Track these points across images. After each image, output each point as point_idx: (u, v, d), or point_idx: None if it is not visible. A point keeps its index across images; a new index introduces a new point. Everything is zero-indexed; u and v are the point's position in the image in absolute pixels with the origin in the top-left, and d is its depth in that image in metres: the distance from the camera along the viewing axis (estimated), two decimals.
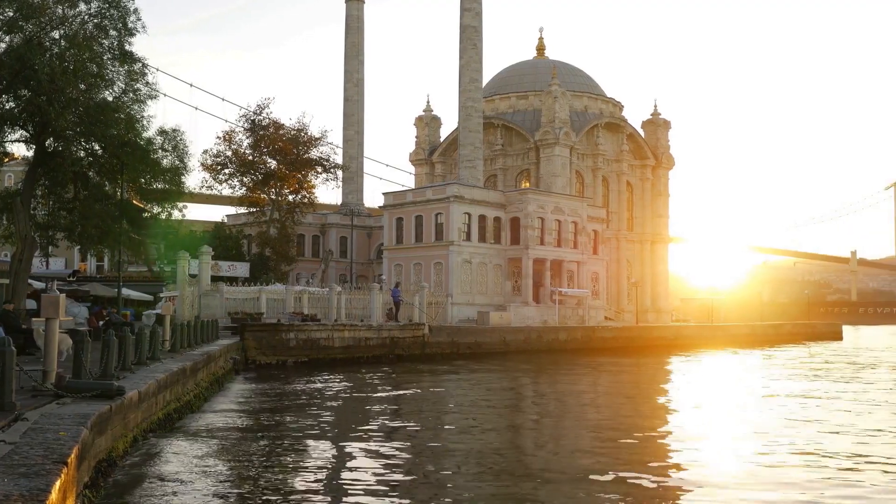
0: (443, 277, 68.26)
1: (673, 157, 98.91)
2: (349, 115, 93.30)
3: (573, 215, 74.88)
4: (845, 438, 22.00)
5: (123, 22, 32.12)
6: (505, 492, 15.72)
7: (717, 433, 23.62)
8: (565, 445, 21.46)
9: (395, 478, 16.70)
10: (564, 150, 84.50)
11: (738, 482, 16.54)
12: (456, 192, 69.53)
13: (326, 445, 20.46)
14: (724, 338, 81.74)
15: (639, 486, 16.12)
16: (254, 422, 23.77)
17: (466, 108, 77.03)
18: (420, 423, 25.33)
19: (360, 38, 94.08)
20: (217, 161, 65.79)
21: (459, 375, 42.16)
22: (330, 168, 69.29)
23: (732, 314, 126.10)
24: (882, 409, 28.68)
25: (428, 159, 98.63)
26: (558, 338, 63.00)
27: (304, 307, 50.03)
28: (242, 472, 16.78)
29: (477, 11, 78.07)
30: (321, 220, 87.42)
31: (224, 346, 35.93)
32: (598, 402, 32.64)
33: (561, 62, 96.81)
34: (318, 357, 45.56)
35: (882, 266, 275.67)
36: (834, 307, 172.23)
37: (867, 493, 15.40)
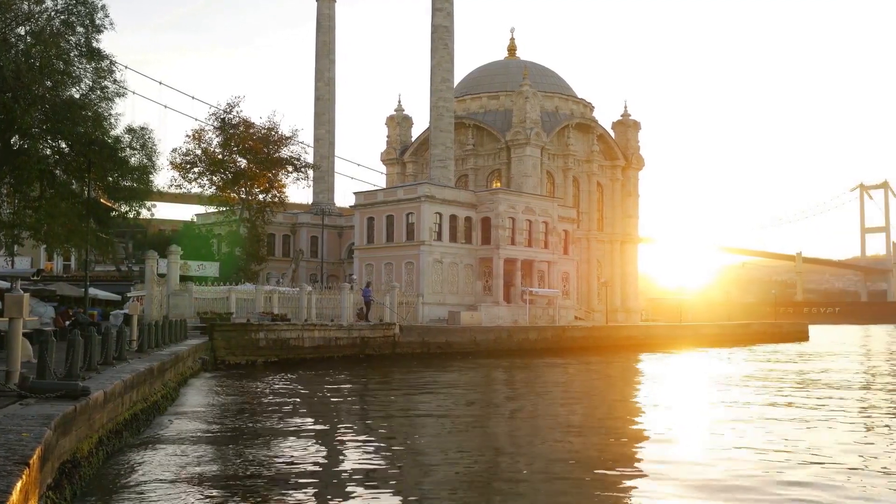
0: (414, 277, 68.23)
1: (643, 158, 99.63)
2: (320, 115, 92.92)
3: (544, 215, 75.16)
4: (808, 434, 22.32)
5: (91, 18, 31.86)
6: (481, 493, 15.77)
7: (684, 432, 23.83)
8: (538, 450, 21.54)
9: (369, 479, 16.69)
10: (535, 151, 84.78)
11: (703, 478, 16.71)
12: (427, 191, 69.53)
13: (295, 445, 20.39)
14: (693, 337, 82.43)
15: (610, 483, 16.23)
16: (221, 422, 23.63)
17: (438, 107, 77.03)
18: (391, 424, 25.32)
19: (331, 38, 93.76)
20: (186, 160, 65.24)
21: (430, 377, 42.17)
22: (301, 167, 68.98)
23: (701, 314, 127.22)
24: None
25: (399, 159, 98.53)
26: (529, 337, 63.21)
27: (274, 307, 49.81)
28: (210, 473, 16.68)
29: (448, 11, 78.11)
30: (292, 220, 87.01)
31: (193, 346, 35.70)
32: (570, 402, 32.80)
33: (532, 63, 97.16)
34: (288, 357, 45.40)
35: (826, 264, 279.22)
36: (781, 307, 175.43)
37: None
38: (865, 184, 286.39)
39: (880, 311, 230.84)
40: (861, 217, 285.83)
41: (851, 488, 15.76)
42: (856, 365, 53.39)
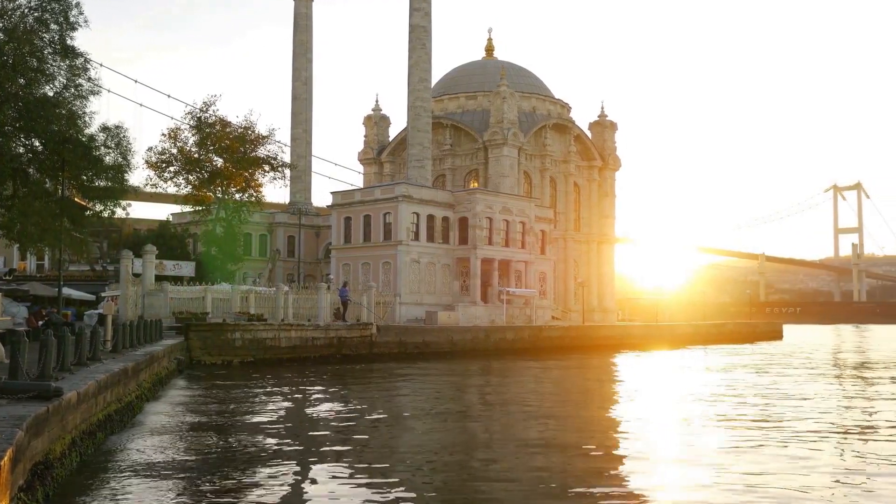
0: (391, 277, 68.16)
1: (619, 159, 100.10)
2: (297, 114, 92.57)
3: (521, 215, 75.33)
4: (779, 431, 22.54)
5: (65, 16, 31.56)
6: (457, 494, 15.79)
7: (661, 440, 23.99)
8: (514, 455, 21.59)
9: (343, 481, 16.67)
10: (513, 151, 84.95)
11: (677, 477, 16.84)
12: (404, 191, 69.48)
13: (269, 446, 20.32)
14: (669, 337, 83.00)
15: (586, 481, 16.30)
16: (196, 423, 23.51)
17: (415, 107, 76.98)
18: (367, 425, 25.30)
19: (308, 37, 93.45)
20: (162, 158, 64.64)
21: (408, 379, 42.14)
22: (278, 167, 68.52)
23: (677, 314, 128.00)
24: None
25: (377, 159, 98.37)
26: (506, 337, 63.33)
27: (250, 307, 49.56)
28: (184, 475, 16.59)
29: (426, 11, 78.09)
30: (269, 219, 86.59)
31: (168, 347, 35.47)
32: (545, 405, 32.89)
33: (510, 63, 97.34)
34: (264, 357, 45.23)
35: (790, 263, 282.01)
36: (744, 307, 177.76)
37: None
38: (839, 185, 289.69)
39: (841, 311, 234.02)
40: (834, 218, 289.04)
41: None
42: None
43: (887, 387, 38.19)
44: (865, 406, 30.17)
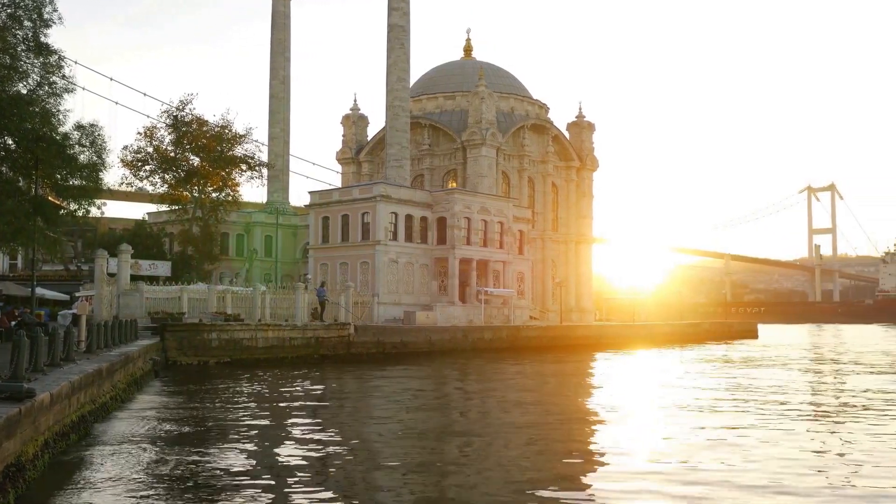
0: (369, 277, 67.98)
1: (597, 159, 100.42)
2: (275, 113, 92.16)
3: (499, 215, 75.40)
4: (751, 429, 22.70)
5: (39, 13, 31.25)
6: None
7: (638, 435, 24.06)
8: (493, 455, 21.57)
9: (318, 483, 16.58)
10: (491, 151, 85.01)
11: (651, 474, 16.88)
12: (383, 191, 69.33)
13: (243, 447, 20.18)
14: (646, 337, 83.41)
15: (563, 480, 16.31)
16: (171, 424, 23.31)
17: (394, 107, 76.85)
18: (343, 426, 25.21)
19: (286, 35, 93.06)
20: (138, 157, 64.28)
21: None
22: (255, 166, 68.34)
23: (654, 314, 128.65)
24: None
25: (355, 158, 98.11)
26: (484, 337, 63.37)
27: (227, 307, 49.27)
28: (158, 476, 16.44)
29: (405, 11, 77.98)
30: (246, 219, 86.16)
31: (143, 347, 35.18)
32: (523, 404, 32.92)
33: (488, 63, 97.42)
34: (240, 357, 44.98)
35: (755, 262, 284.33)
36: (710, 307, 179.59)
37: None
38: (813, 186, 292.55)
39: (803, 311, 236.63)
40: (809, 218, 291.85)
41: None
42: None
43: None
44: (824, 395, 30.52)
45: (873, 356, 62.93)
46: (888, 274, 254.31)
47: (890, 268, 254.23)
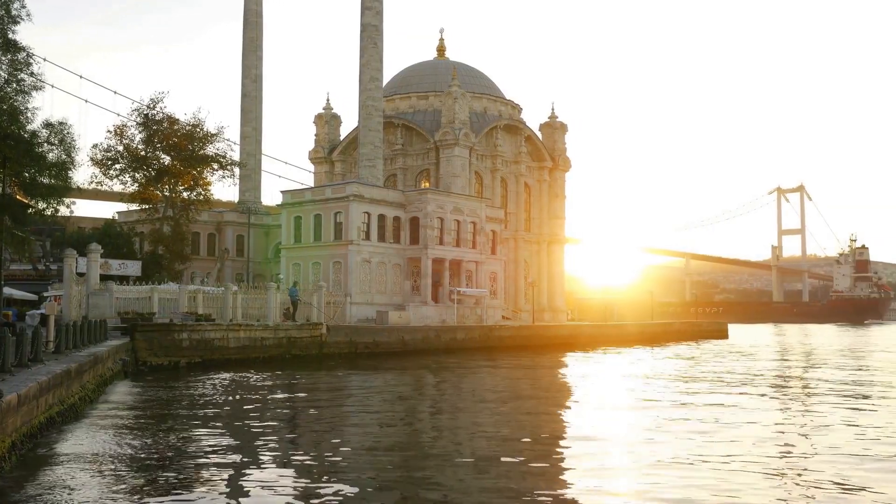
0: (342, 277, 67.77)
1: (569, 160, 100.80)
2: (247, 112, 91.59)
3: (472, 216, 75.50)
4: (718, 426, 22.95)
5: (6, 9, 30.88)
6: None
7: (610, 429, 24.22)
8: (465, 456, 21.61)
9: (290, 486, 16.52)
10: (464, 151, 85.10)
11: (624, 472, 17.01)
12: (355, 191, 69.16)
13: (212, 448, 20.06)
14: (618, 336, 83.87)
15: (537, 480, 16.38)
16: (140, 426, 23.11)
17: (367, 106, 76.68)
18: (313, 427, 25.15)
19: (258, 34, 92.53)
20: (108, 156, 63.57)
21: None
22: (227, 165, 67.84)
23: (626, 313, 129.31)
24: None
25: (328, 158, 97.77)
26: (456, 337, 63.41)
27: (198, 307, 48.89)
28: (126, 479, 16.31)
29: (378, 10, 77.83)
30: (217, 218, 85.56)
31: (113, 347, 34.85)
32: (497, 403, 33.00)
33: (461, 63, 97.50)
34: (212, 358, 44.64)
35: (713, 260, 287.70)
36: (671, 306, 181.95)
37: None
38: (782, 187, 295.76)
39: (760, 311, 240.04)
40: (778, 219, 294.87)
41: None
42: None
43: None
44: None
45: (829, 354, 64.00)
46: (842, 275, 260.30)
47: (844, 269, 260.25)
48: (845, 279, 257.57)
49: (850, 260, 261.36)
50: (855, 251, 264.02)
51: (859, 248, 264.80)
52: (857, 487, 16.03)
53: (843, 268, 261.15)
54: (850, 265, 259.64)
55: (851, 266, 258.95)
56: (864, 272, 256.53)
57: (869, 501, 15.03)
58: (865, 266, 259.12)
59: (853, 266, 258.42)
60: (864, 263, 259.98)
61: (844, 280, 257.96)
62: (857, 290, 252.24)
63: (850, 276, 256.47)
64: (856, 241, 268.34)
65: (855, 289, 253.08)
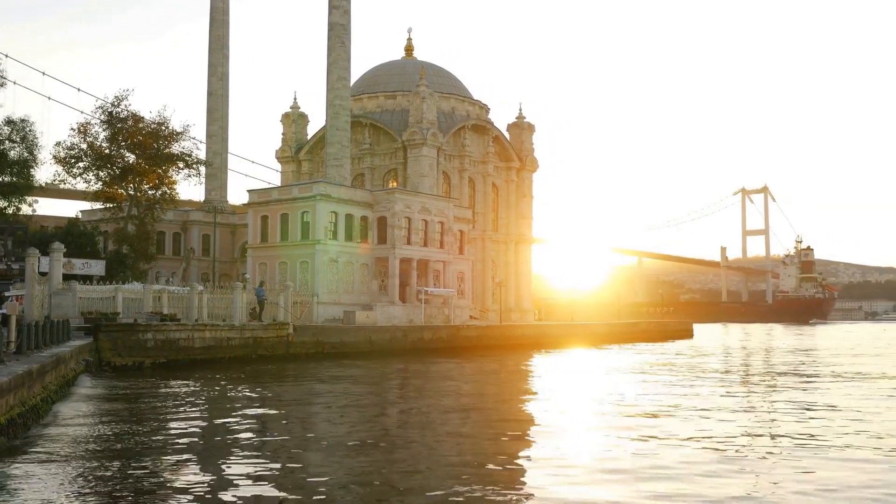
0: (309, 276, 67.47)
1: (537, 160, 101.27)
2: (213, 110, 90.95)
3: (440, 215, 75.55)
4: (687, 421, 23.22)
5: None
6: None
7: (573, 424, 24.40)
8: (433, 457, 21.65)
9: (257, 490, 16.47)
10: (432, 151, 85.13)
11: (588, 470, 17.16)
12: (323, 190, 68.91)
13: (176, 449, 19.94)
14: (584, 336, 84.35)
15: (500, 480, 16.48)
16: (102, 428, 22.90)
17: (334, 106, 76.44)
18: (283, 431, 25.05)
19: (225, 32, 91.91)
20: (71, 154, 62.79)
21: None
22: (192, 164, 67.34)
23: (592, 313, 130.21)
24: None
25: (295, 157, 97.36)
26: (423, 337, 63.42)
27: (163, 307, 48.45)
28: (91, 479, 16.17)
29: (345, 9, 77.63)
30: (183, 217, 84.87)
31: (76, 348, 34.45)
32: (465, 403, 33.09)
33: (429, 63, 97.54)
34: (177, 358, 44.27)
35: (667, 259, 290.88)
36: (624, 306, 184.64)
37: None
38: (747, 188, 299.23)
39: (709, 311, 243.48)
40: (742, 220, 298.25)
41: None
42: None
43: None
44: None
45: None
46: (787, 275, 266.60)
47: (789, 269, 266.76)
48: (791, 279, 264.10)
49: (795, 261, 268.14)
50: (800, 252, 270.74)
51: (804, 250, 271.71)
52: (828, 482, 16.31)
53: (789, 268, 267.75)
54: (795, 266, 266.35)
55: (797, 267, 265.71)
56: (810, 273, 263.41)
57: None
58: (810, 267, 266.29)
59: (798, 267, 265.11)
60: (810, 264, 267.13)
61: (790, 280, 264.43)
62: (803, 290, 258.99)
63: (796, 277, 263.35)
64: (801, 243, 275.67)
65: (800, 289, 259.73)
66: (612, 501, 14.87)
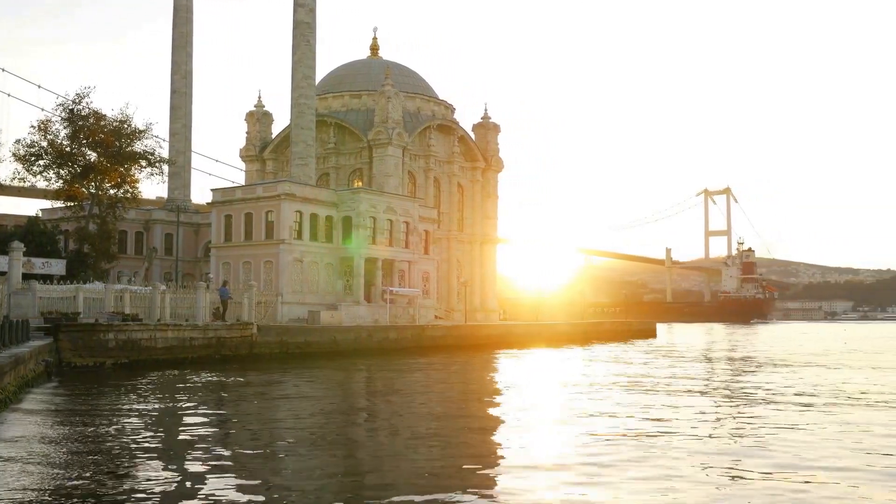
0: (273, 276, 67.17)
1: (502, 161, 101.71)
2: (176, 108, 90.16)
3: (405, 215, 75.57)
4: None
5: None
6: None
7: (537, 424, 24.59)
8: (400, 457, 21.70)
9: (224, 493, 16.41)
10: (397, 151, 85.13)
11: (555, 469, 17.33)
12: (287, 189, 68.61)
13: (138, 448, 19.81)
14: (549, 336, 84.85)
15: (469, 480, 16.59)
16: (63, 427, 22.66)
17: (299, 105, 76.15)
18: (248, 433, 24.96)
19: (188, 29, 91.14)
20: (31, 151, 61.93)
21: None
22: (155, 162, 66.66)
23: (557, 313, 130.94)
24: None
25: (259, 156, 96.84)
26: (388, 337, 63.40)
27: (125, 307, 47.94)
28: (49, 480, 16.02)
29: (310, 8, 77.38)
30: (145, 216, 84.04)
31: (35, 348, 34.00)
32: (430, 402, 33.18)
33: (395, 63, 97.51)
34: (139, 358, 43.83)
35: (608, 255, 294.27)
36: (576, 306, 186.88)
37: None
38: (709, 189, 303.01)
39: (653, 311, 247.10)
40: (705, 220, 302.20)
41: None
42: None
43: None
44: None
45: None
46: (728, 276, 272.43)
47: (731, 270, 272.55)
48: (733, 280, 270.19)
49: (737, 262, 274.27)
50: (742, 253, 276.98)
51: (746, 251, 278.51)
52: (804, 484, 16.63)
53: (731, 269, 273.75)
54: (737, 267, 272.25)
55: (738, 268, 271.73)
56: (751, 274, 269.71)
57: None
58: (751, 268, 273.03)
59: (740, 268, 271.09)
60: (751, 265, 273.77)
61: (732, 281, 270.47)
62: (744, 290, 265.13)
63: (737, 278, 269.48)
64: (742, 244, 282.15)
65: (742, 290, 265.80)
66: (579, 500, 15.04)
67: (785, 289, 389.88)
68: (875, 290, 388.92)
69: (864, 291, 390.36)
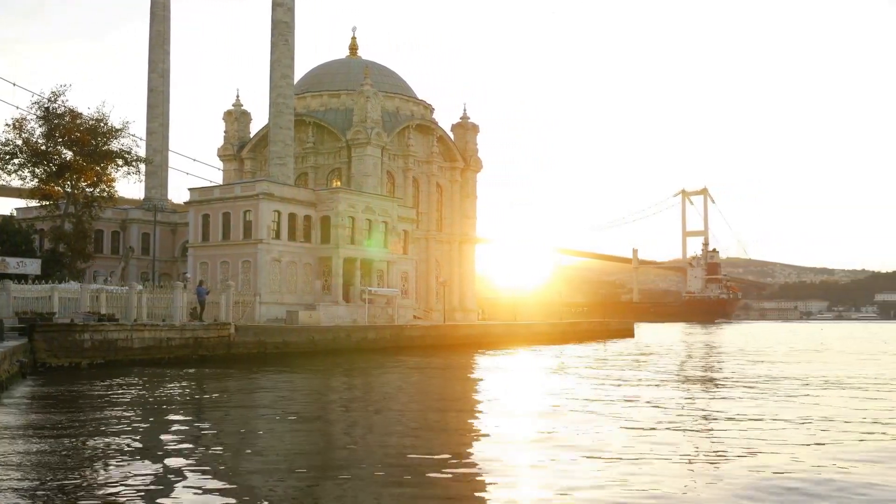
0: (251, 276, 66.90)
1: (481, 161, 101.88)
2: (154, 107, 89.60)
3: (384, 215, 75.50)
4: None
5: None
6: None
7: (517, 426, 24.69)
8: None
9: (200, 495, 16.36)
10: (376, 151, 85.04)
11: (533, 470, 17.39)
12: (265, 189, 68.36)
13: (114, 451, 19.70)
14: (527, 336, 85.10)
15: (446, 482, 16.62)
16: (38, 429, 22.49)
17: (278, 104, 75.90)
18: (222, 427, 24.88)
19: (166, 28, 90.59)
20: (5, 150, 61.33)
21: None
22: (132, 161, 66.18)
23: (535, 313, 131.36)
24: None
25: (237, 155, 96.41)
26: (367, 337, 63.33)
27: (101, 306, 47.59)
28: (24, 483, 15.91)
29: (289, 7, 77.13)
30: (122, 216, 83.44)
31: (9, 349, 33.71)
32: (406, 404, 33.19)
33: (374, 62, 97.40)
34: (115, 359, 43.55)
35: (585, 255, 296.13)
36: (547, 306, 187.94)
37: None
38: (687, 190, 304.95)
39: (620, 310, 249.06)
40: (682, 221, 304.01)
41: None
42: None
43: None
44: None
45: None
46: (693, 277, 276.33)
47: (696, 271, 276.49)
48: (697, 281, 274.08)
49: (702, 263, 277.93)
50: (707, 254, 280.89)
51: (710, 252, 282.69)
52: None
53: (696, 270, 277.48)
54: (701, 268, 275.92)
55: (703, 269, 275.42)
56: (715, 274, 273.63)
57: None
58: (716, 268, 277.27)
59: (704, 269, 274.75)
60: (715, 266, 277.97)
61: (696, 282, 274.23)
62: (708, 291, 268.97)
63: (702, 279, 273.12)
64: (707, 245, 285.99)
65: (706, 290, 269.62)
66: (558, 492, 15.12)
67: (761, 289, 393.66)
68: (849, 290, 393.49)
69: (839, 291, 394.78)
